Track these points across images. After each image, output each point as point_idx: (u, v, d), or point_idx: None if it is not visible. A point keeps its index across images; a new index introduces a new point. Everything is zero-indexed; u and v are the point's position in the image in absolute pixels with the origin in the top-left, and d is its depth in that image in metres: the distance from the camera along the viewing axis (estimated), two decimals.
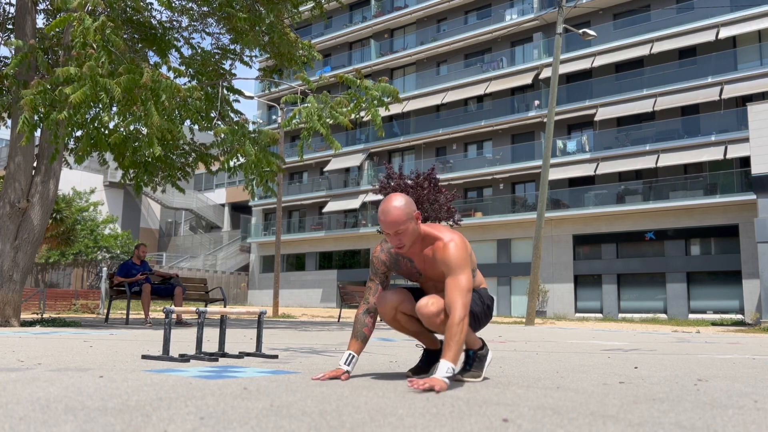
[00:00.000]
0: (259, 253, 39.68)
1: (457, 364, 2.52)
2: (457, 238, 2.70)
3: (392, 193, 2.69)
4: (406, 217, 2.61)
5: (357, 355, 2.80)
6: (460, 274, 2.62)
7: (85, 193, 29.49)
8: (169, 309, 3.52)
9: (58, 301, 18.21)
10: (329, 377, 2.72)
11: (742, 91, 25.14)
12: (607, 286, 27.82)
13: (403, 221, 2.61)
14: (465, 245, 2.72)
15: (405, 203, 2.63)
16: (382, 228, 2.66)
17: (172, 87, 6.52)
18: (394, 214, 2.60)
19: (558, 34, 17.48)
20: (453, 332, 2.53)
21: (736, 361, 4.51)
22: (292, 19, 9.77)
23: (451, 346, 2.52)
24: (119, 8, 8.23)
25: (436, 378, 2.44)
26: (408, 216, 2.62)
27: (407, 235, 2.65)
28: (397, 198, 2.64)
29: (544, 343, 6.46)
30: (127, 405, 1.93)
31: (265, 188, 8.15)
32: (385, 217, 2.61)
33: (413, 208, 2.66)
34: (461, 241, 2.71)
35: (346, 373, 2.74)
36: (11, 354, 3.74)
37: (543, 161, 16.78)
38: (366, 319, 2.84)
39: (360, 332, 2.82)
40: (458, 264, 2.63)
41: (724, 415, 1.99)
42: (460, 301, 2.57)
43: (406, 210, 2.62)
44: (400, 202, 2.63)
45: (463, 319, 2.55)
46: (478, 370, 2.93)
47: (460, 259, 2.64)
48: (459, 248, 2.66)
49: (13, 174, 7.78)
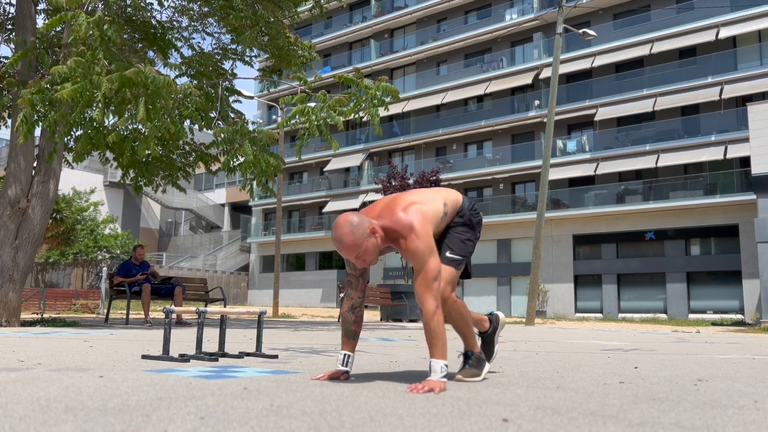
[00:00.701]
0: (259, 253, 39.68)
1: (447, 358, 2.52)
2: (414, 224, 2.60)
3: (338, 218, 2.58)
4: (362, 239, 2.53)
5: (352, 353, 2.80)
6: (424, 265, 2.57)
7: (85, 193, 29.48)
8: (169, 309, 3.52)
9: (58, 301, 18.21)
10: (329, 377, 2.72)
11: (742, 91, 25.15)
12: (607, 286, 27.83)
13: (359, 245, 2.53)
14: (423, 224, 2.62)
15: (354, 226, 2.52)
16: (342, 255, 2.62)
17: (167, 84, 6.51)
18: (347, 241, 2.52)
19: (558, 34, 17.48)
20: (430, 328, 2.53)
21: (736, 361, 4.51)
22: (292, 19, 9.77)
23: (433, 343, 2.52)
24: (118, 7, 8.23)
25: (432, 380, 2.44)
26: (362, 237, 2.53)
27: (369, 253, 2.57)
28: (344, 224, 2.53)
29: (544, 343, 6.46)
30: (127, 405, 1.93)
31: (264, 188, 8.15)
32: (340, 246, 2.54)
33: (365, 225, 2.55)
34: (418, 222, 2.61)
35: (345, 373, 2.74)
36: (11, 354, 3.73)
37: (543, 161, 16.79)
38: (352, 316, 2.81)
39: (350, 330, 2.80)
40: (420, 254, 2.57)
41: (724, 415, 1.99)
42: (427, 295, 2.55)
43: (359, 232, 2.52)
44: (348, 227, 2.52)
45: (435, 312, 2.53)
46: (477, 369, 2.93)
47: (419, 249, 2.58)
48: (418, 236, 2.59)
49: (13, 174, 7.78)
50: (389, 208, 2.69)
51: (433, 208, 2.75)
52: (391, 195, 2.85)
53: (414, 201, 2.70)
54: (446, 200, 2.85)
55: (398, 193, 2.84)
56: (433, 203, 2.77)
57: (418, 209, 2.65)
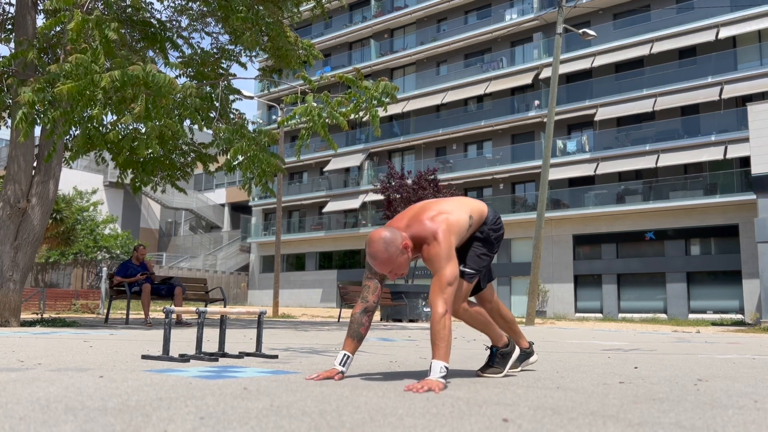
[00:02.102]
0: (259, 253, 39.68)
1: (449, 360, 2.55)
2: (438, 233, 2.69)
3: (372, 234, 2.68)
4: (395, 255, 2.64)
5: (352, 355, 2.80)
6: (441, 270, 2.64)
7: (86, 193, 29.49)
8: (169, 309, 3.52)
9: (58, 301, 18.21)
10: (324, 377, 2.72)
11: (742, 91, 25.15)
12: (607, 286, 27.82)
13: (393, 260, 2.65)
14: (447, 233, 2.71)
15: (387, 243, 2.63)
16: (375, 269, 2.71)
17: (168, 83, 6.50)
18: (381, 258, 2.64)
19: (558, 34, 17.47)
20: (435, 330, 2.57)
21: (736, 361, 4.51)
22: (292, 19, 9.77)
23: (436, 344, 2.55)
24: (118, 7, 8.23)
25: (430, 380, 2.45)
26: (396, 254, 2.64)
27: (402, 267, 2.68)
28: (378, 240, 2.64)
29: (544, 343, 6.46)
30: (127, 405, 1.93)
31: (264, 188, 8.14)
32: (375, 262, 2.66)
33: (398, 241, 2.65)
34: (442, 231, 2.70)
35: (340, 373, 2.74)
36: (11, 354, 3.73)
37: (543, 161, 16.78)
38: (363, 319, 2.84)
39: (357, 332, 2.82)
40: (438, 260, 2.66)
41: (724, 415, 1.99)
42: (439, 299, 2.60)
43: (392, 249, 2.63)
44: (382, 245, 2.63)
45: (444, 316, 2.58)
46: (501, 367, 3.06)
47: (439, 255, 2.66)
48: (439, 243, 2.67)
49: (13, 174, 7.78)
50: (417, 217, 2.78)
51: (459, 218, 2.82)
52: (420, 203, 2.95)
53: (442, 210, 2.79)
54: (472, 212, 2.92)
55: (427, 201, 2.93)
56: (459, 213, 2.84)
57: (444, 219, 2.75)
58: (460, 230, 2.81)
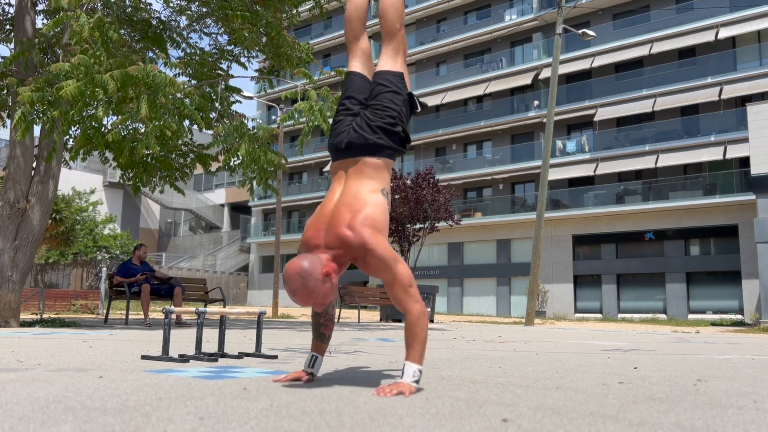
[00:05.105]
0: (258, 254, 39.67)
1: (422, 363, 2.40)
2: (367, 243, 2.41)
3: (287, 268, 2.34)
4: (317, 287, 2.33)
5: (320, 356, 2.72)
6: (394, 276, 2.42)
7: (85, 193, 29.48)
8: (168, 309, 3.52)
9: (58, 301, 18.20)
10: (291, 379, 2.63)
11: (742, 91, 25.16)
12: (606, 286, 27.83)
13: (315, 293, 2.34)
14: (375, 237, 2.42)
15: (305, 278, 2.31)
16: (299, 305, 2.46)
17: (169, 83, 6.50)
18: (301, 294, 2.33)
19: (558, 34, 17.48)
20: (413, 332, 2.40)
21: (736, 361, 4.51)
22: (291, 20, 9.77)
23: (412, 346, 2.39)
24: (118, 7, 8.23)
25: (402, 383, 2.33)
26: (316, 285, 2.32)
27: (327, 296, 2.39)
28: (295, 277, 2.31)
29: (544, 344, 6.46)
30: (126, 405, 1.92)
31: (265, 186, 8.14)
32: (295, 299, 2.36)
33: (317, 271, 2.32)
34: (369, 238, 2.42)
35: (309, 375, 2.65)
36: (11, 354, 3.73)
37: (543, 161, 16.79)
38: (320, 319, 2.72)
39: (317, 332, 2.73)
40: (385, 270, 2.43)
41: (723, 415, 1.99)
42: (409, 301, 2.42)
43: (311, 284, 2.32)
44: (300, 281, 2.31)
45: (420, 316, 2.40)
46: None
47: (381, 267, 2.42)
48: (374, 253, 2.41)
49: (12, 174, 7.78)
50: (333, 229, 2.47)
51: (378, 209, 2.52)
52: (331, 203, 2.57)
53: (357, 210, 2.47)
54: (383, 185, 2.62)
55: (336, 203, 2.56)
56: (375, 203, 2.53)
57: (363, 219, 2.45)
58: (385, 218, 2.52)
